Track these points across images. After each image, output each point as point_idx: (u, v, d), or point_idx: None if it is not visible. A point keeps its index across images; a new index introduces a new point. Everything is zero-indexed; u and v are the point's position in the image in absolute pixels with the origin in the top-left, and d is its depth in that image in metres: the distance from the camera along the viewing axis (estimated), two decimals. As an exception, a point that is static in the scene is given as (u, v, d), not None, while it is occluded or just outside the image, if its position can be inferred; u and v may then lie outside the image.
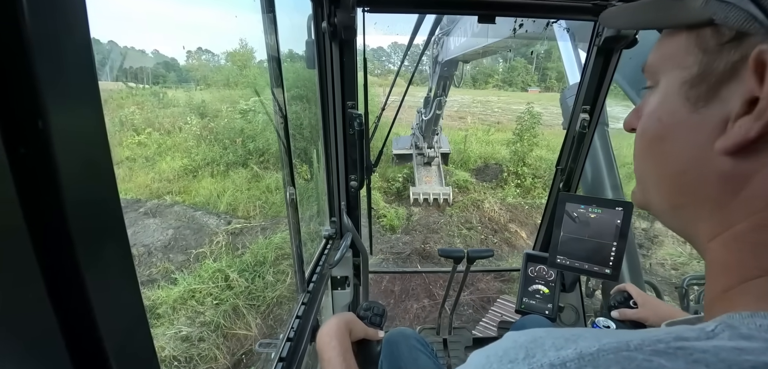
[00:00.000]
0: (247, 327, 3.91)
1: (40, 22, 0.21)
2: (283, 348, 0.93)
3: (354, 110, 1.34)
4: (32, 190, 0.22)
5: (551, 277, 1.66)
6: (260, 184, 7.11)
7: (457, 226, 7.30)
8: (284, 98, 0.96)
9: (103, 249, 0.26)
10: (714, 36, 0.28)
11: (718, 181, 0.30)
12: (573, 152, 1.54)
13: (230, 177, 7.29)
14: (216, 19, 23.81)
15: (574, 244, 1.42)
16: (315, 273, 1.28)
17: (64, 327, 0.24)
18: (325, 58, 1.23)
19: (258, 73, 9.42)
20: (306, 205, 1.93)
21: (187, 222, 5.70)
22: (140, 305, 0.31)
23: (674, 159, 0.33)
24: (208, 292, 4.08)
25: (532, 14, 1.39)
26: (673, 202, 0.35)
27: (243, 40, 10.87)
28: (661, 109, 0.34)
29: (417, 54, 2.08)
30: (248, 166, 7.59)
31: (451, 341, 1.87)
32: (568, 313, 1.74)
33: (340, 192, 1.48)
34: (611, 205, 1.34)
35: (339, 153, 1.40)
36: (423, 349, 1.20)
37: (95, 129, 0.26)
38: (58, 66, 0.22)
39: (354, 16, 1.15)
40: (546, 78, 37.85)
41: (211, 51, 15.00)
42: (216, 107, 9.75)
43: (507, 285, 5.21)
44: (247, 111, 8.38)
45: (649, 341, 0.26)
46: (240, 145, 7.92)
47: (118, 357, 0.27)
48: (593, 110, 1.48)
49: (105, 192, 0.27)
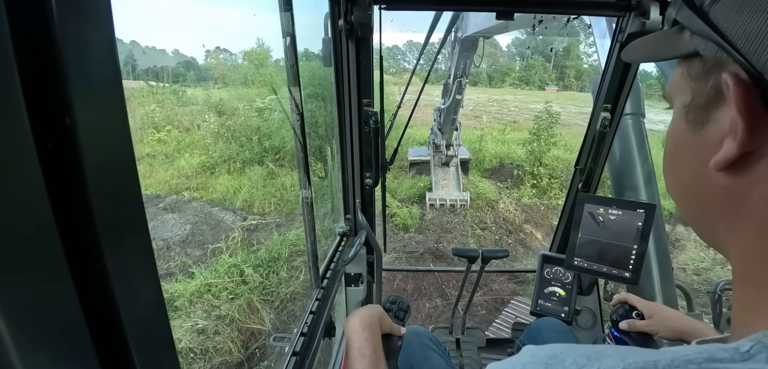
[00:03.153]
0: (261, 321, 3.96)
1: (67, 24, 0.21)
2: (296, 342, 0.94)
3: (369, 108, 1.34)
4: (59, 184, 0.22)
5: (568, 280, 1.62)
6: (276, 181, 7.16)
7: (471, 225, 7.24)
8: (301, 97, 0.96)
9: (125, 242, 0.27)
10: (700, 65, 0.32)
11: (721, 197, 0.32)
12: (593, 152, 1.51)
13: (246, 174, 7.37)
14: (234, 17, 24.15)
15: (593, 246, 1.38)
16: (329, 269, 1.29)
17: (89, 317, 0.24)
18: (342, 56, 1.23)
19: (275, 72, 9.50)
20: (320, 202, 1.95)
21: (205, 217, 5.81)
22: (160, 297, 0.31)
23: (684, 176, 0.37)
24: (223, 287, 4.14)
25: (552, 10, 1.37)
26: (692, 216, 0.38)
27: (260, 39, 10.99)
28: (673, 131, 0.37)
29: (433, 52, 2.07)
30: (264, 163, 7.67)
31: (464, 341, 1.85)
32: (584, 317, 1.71)
33: (354, 189, 1.48)
34: (632, 206, 1.31)
35: (354, 150, 1.41)
36: (435, 348, 1.20)
37: (119, 126, 0.26)
38: (84, 66, 0.23)
39: (371, 14, 1.15)
40: (564, 76, 37.16)
41: (229, 50, 15.25)
42: (233, 105, 9.88)
43: (521, 286, 5.15)
44: (263, 109, 8.46)
45: (678, 362, 0.26)
46: (256, 142, 7.99)
47: (138, 347, 0.28)
48: (615, 109, 1.44)
49: (128, 187, 0.27)
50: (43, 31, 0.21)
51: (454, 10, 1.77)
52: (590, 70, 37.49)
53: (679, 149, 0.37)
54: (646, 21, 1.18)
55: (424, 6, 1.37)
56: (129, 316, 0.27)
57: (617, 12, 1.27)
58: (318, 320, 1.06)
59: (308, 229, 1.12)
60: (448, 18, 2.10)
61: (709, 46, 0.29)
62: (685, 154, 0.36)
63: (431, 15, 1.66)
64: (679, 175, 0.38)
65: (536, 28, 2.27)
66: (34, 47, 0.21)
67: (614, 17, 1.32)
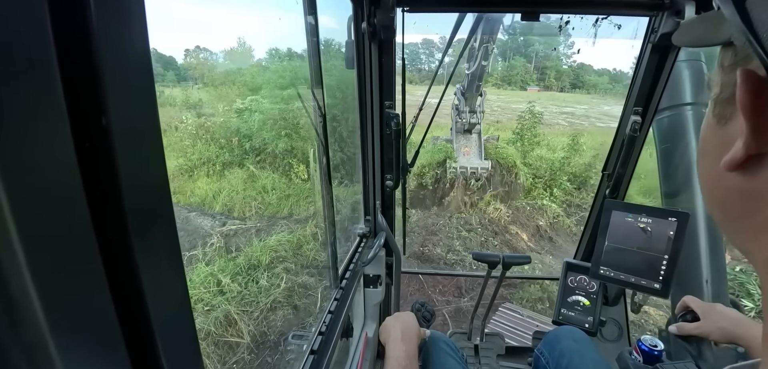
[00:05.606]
0: (239, 334, 3.82)
1: (105, 29, 0.22)
2: (314, 341, 0.95)
3: (391, 110, 1.34)
4: (95, 181, 0.23)
5: (593, 289, 1.57)
6: (256, 184, 6.98)
7: (457, 227, 7.13)
8: (324, 98, 0.98)
9: (155, 239, 0.28)
10: (732, 55, 0.29)
11: (736, 199, 0.30)
12: (622, 157, 1.45)
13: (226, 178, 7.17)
14: (262, 20, 24.56)
15: (620, 255, 1.34)
16: (348, 270, 1.30)
17: (120, 312, 0.25)
18: (364, 59, 1.24)
19: (284, 70, 9.24)
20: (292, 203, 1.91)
21: (181, 223, 5.65)
22: (186, 293, 0.32)
23: (709, 174, 0.34)
24: (199, 298, 3.96)
25: (581, 10, 1.33)
26: (717, 217, 0.36)
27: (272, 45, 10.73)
28: (703, 125, 0.35)
29: (453, 53, 2.03)
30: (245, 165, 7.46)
31: (483, 348, 1.82)
32: (610, 329, 1.65)
33: (375, 191, 1.48)
34: (664, 214, 1.25)
35: (375, 152, 1.41)
36: (453, 354, 1.18)
37: (151, 126, 0.27)
38: (120, 68, 0.24)
39: (393, 16, 1.16)
40: (545, 77, 36.55)
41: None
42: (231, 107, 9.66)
43: (509, 291, 5.07)
44: (242, 110, 8.23)
45: None
46: (236, 144, 7.82)
47: (164, 340, 0.29)
48: (646, 112, 1.38)
49: (158, 185, 0.28)
50: (84, 37, 0.22)
51: (477, 12, 1.75)
52: (569, 71, 37.59)
53: (706, 145, 0.35)
54: (680, 21, 1.13)
55: (447, 7, 1.36)
56: (157, 311, 0.28)
57: (650, 11, 1.22)
58: (336, 320, 1.07)
59: (328, 229, 1.13)
60: (472, 20, 2.07)
61: (740, 35, 0.26)
62: (710, 150, 0.33)
63: (454, 17, 1.64)
64: (702, 172, 0.36)
65: (562, 29, 2.21)
66: (74, 52, 0.22)
67: (646, 17, 1.27)
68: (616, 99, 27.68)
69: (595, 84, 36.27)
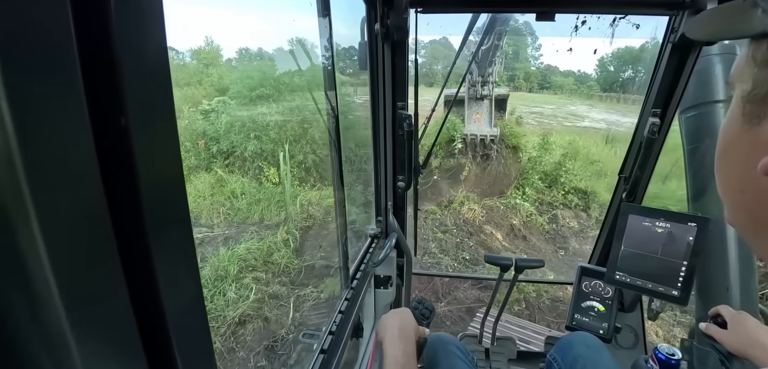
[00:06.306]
0: None
1: (125, 32, 0.23)
2: (325, 341, 0.95)
3: (404, 111, 1.34)
4: (114, 179, 0.24)
5: (608, 295, 1.54)
6: (225, 188, 6.53)
7: (432, 229, 7.12)
8: (337, 99, 0.98)
9: (172, 237, 0.29)
10: (767, 49, 0.27)
11: None
12: (640, 160, 1.42)
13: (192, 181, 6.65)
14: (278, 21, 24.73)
15: (637, 260, 1.30)
16: (359, 270, 1.30)
17: (136, 307, 0.26)
18: (377, 60, 1.24)
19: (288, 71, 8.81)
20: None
21: None
22: (200, 291, 0.33)
23: (734, 176, 0.32)
24: None
25: (597, 10, 1.30)
26: (741, 223, 0.34)
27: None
28: (726, 124, 0.33)
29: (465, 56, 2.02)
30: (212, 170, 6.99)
31: (494, 352, 1.80)
32: (625, 336, 1.61)
33: (386, 192, 1.48)
34: (683, 219, 1.22)
35: (387, 153, 1.41)
36: (462, 357, 1.17)
37: (168, 126, 0.28)
38: (139, 71, 0.24)
39: (406, 17, 1.15)
40: (514, 78, 36.43)
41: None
42: None
43: (484, 293, 5.00)
44: (209, 111, 7.64)
45: None
46: (203, 147, 7.27)
47: (178, 336, 0.29)
48: (665, 114, 1.35)
49: (175, 184, 0.29)
50: (105, 41, 0.22)
51: (491, 12, 1.73)
52: (537, 72, 37.82)
53: (729, 145, 0.33)
54: None
55: (460, 8, 1.35)
56: (172, 309, 0.28)
57: (670, 11, 1.19)
58: (346, 320, 1.07)
59: (340, 230, 1.14)
60: (486, 20, 2.05)
61: None
62: (735, 151, 0.32)
63: (467, 18, 1.63)
64: (726, 174, 0.34)
65: (578, 29, 2.17)
66: (96, 55, 0.22)
67: (666, 16, 1.24)
68: (581, 99, 28.03)
69: (561, 85, 36.19)
